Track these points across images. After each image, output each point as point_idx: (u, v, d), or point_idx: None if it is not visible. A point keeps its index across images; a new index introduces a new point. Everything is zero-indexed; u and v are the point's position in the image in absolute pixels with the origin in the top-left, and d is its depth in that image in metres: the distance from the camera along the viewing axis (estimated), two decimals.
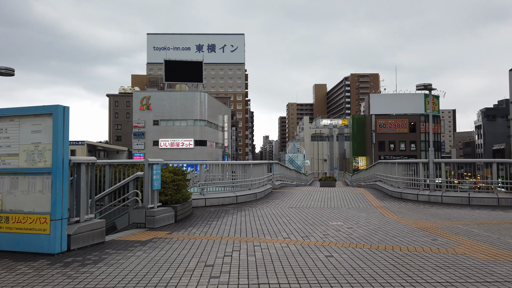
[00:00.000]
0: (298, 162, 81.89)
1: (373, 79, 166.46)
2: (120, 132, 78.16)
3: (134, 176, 7.49)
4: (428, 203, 11.51)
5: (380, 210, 10.11)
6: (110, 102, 79.57)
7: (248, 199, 12.31)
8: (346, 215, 9.10)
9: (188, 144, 58.86)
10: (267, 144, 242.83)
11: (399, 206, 10.88)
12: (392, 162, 14.76)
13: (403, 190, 12.93)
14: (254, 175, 13.67)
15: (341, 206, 10.95)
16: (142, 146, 58.63)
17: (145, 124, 58.64)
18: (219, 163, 12.76)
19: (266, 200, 12.67)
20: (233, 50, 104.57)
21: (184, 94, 59.97)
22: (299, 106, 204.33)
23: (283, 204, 11.45)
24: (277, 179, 19.49)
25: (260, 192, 13.27)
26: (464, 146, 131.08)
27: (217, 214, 9.42)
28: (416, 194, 12.26)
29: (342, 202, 11.98)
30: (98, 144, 63.26)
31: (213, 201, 11.18)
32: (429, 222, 7.96)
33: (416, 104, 66.06)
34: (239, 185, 12.67)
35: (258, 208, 10.59)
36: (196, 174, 11.74)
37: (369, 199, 12.74)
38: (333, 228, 7.29)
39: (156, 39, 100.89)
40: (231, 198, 11.66)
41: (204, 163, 11.41)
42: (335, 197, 13.66)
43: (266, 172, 15.77)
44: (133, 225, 7.34)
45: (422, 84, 11.81)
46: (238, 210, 10.05)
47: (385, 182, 16.38)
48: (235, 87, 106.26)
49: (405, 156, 61.55)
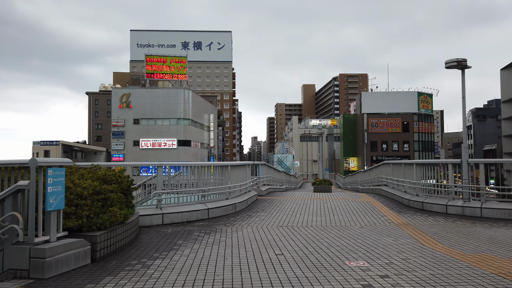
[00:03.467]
0: (287, 163, 79.03)
1: (362, 79, 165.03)
2: (101, 132, 74.24)
3: (13, 188, 4.37)
4: (464, 218, 8.62)
5: (408, 230, 7.16)
6: (89, 100, 75.61)
7: (224, 212, 9.26)
8: (364, 242, 6.11)
9: (171, 144, 55.51)
10: (255, 145, 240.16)
11: (429, 224, 7.96)
12: (407, 163, 11.88)
13: (425, 199, 10.03)
14: (234, 179, 10.64)
15: (350, 224, 7.98)
16: (121, 147, 55.07)
17: (124, 123, 55.11)
18: (186, 164, 9.67)
19: (249, 213, 9.64)
20: (220, 48, 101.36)
21: (166, 91, 56.60)
22: (287, 106, 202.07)
23: (270, 221, 8.42)
24: (264, 183, 16.49)
25: (241, 202, 10.23)
26: (454, 147, 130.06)
27: (173, 240, 6.36)
28: (444, 205, 9.37)
29: (349, 216, 9.01)
30: (75, 144, 59.50)
31: (175, 217, 8.11)
32: (504, 260, 5.03)
33: (409, 102, 63.83)
34: (213, 193, 9.62)
35: (235, 227, 7.56)
36: (152, 176, 8.68)
37: (382, 211, 9.80)
38: (357, 277, 4.28)
39: (140, 36, 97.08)
40: (201, 212, 8.60)
41: (163, 165, 8.33)
42: (337, 207, 10.70)
43: (250, 175, 12.75)
44: (9, 273, 4.23)
45: (454, 60, 8.93)
46: (206, 233, 7.00)
47: (394, 187, 13.50)
48: (222, 86, 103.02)
49: (398, 157, 59.14)
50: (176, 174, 10.58)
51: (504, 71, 68.78)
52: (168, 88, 57.96)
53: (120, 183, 6.08)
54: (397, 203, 11.63)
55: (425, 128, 65.21)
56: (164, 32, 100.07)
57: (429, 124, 65.82)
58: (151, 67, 56.19)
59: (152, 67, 56.18)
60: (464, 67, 9.11)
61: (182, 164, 9.65)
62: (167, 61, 57.01)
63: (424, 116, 66.24)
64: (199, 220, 8.44)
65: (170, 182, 9.02)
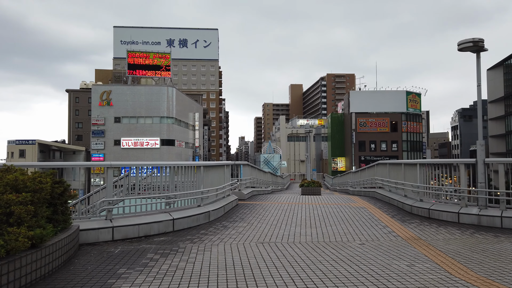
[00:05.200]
0: (274, 163, 77.58)
1: (349, 80, 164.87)
2: (81, 131, 71.66)
3: None
4: (481, 229, 7.18)
5: (421, 248, 5.66)
6: (70, 98, 72.93)
7: (194, 222, 7.65)
8: (370, 270, 4.57)
9: (154, 144, 53.53)
10: (243, 145, 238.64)
11: (444, 238, 6.48)
12: (408, 163, 10.44)
13: (432, 206, 8.58)
14: (209, 182, 9.03)
15: (348, 239, 6.45)
16: (101, 146, 52.87)
17: (105, 122, 52.90)
18: (143, 164, 7.98)
19: (225, 223, 8.04)
20: (206, 46, 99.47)
21: (149, 88, 54.57)
22: (275, 106, 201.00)
23: (250, 234, 6.85)
24: (247, 186, 14.90)
25: (216, 209, 8.62)
26: (440, 147, 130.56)
27: (114, 266, 4.73)
28: (456, 213, 7.93)
29: (344, 227, 7.50)
30: (53, 143, 56.96)
31: (129, 231, 6.47)
32: None
33: (397, 102, 63.02)
34: (182, 199, 8.01)
35: (204, 244, 5.95)
36: (118, 178, 7.03)
37: (382, 220, 8.32)
38: None
39: (124, 33, 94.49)
40: (163, 224, 6.97)
41: (114, 165, 6.67)
42: (328, 214, 9.18)
43: (229, 177, 11.14)
44: None
45: (469, 40, 7.49)
46: (164, 253, 5.38)
47: (392, 190, 12.06)
48: (208, 84, 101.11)
49: (386, 157, 58.22)
50: (147, 175, 8.98)
51: (490, 71, 68.70)
52: (151, 86, 55.95)
53: (38, 190, 4.42)
54: (397, 209, 10.18)
55: (413, 127, 64.52)
56: (149, 29, 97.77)
57: (418, 123, 65.17)
58: (133, 60, 54.06)
59: (134, 61, 54.05)
60: (480, 50, 7.68)
61: (137, 164, 7.99)
62: (150, 57, 54.97)
63: (412, 116, 65.56)
64: (161, 234, 6.81)
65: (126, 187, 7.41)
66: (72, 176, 17.67)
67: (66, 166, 7.65)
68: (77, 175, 48.98)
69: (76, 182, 26.46)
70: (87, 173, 49.44)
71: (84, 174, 52.49)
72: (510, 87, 65.23)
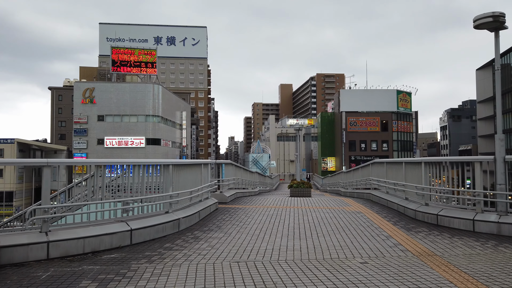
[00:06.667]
0: (263, 163, 76.29)
1: (338, 80, 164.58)
2: (64, 130, 69.43)
3: None
4: (504, 240, 5.98)
5: (441, 270, 4.42)
6: (52, 96, 70.64)
7: (159, 233, 6.31)
8: None
9: (139, 143, 51.80)
10: (232, 145, 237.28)
11: (465, 254, 5.25)
12: (410, 161, 9.23)
13: (440, 211, 7.38)
14: (182, 184, 7.69)
15: (346, 255, 5.18)
16: (84, 145, 50.96)
17: (88, 120, 51.01)
18: (94, 162, 6.57)
19: (197, 233, 6.71)
20: (195, 44, 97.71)
21: (134, 86, 52.81)
22: (264, 106, 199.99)
23: (225, 248, 5.53)
24: (230, 187, 13.57)
25: (188, 216, 7.29)
26: (429, 147, 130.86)
27: None
28: (470, 220, 6.73)
29: (340, 238, 6.23)
30: (33, 142, 54.79)
31: (71, 246, 5.12)
32: None
33: (388, 101, 62.27)
34: (145, 205, 6.67)
35: (163, 264, 4.62)
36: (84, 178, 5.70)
37: (384, 228, 7.08)
38: None
39: (110, 30, 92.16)
40: (118, 236, 5.62)
41: (52, 164, 5.29)
42: (321, 221, 7.92)
43: (208, 178, 9.79)
44: None
45: (488, 14, 6.29)
46: (103, 283, 4.03)
47: (390, 192, 10.87)
48: (196, 83, 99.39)
49: (377, 156, 57.37)
50: (117, 177, 7.69)
51: (479, 71, 68.46)
52: (136, 83, 54.21)
53: None
54: (397, 214, 8.96)
55: (404, 127, 63.83)
56: (136, 26, 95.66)
57: (408, 123, 64.52)
58: (117, 57, 52.26)
59: (118, 58, 52.25)
60: (499, 27, 6.47)
61: (83, 162, 6.61)
62: (135, 53, 53.23)
63: (403, 115, 64.89)
64: (113, 250, 5.46)
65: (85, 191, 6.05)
66: (53, 176, 16.20)
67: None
68: (58, 176, 46.72)
69: (55, 182, 24.90)
70: (67, 173, 47.29)
71: (65, 175, 50.67)
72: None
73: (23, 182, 47.16)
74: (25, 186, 46.84)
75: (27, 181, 46.56)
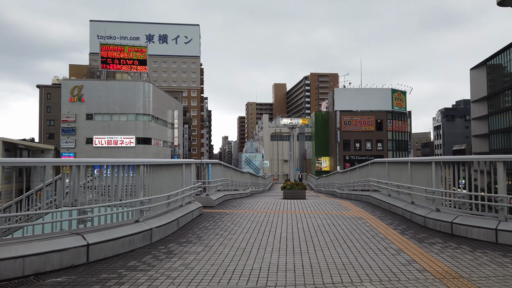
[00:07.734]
0: (256, 163, 75.25)
1: (332, 79, 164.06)
2: (53, 128, 67.80)
3: None
4: None
5: None
6: (41, 94, 68.99)
7: (125, 247, 5.26)
8: None
9: (129, 142, 50.49)
10: (226, 144, 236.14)
11: (497, 275, 4.27)
12: (417, 161, 8.26)
13: (455, 219, 6.40)
14: (157, 188, 6.64)
15: (350, 277, 4.17)
16: (72, 145, 49.57)
17: (76, 118, 49.60)
18: (50, 162, 5.47)
19: (172, 246, 5.67)
20: (187, 42, 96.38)
21: (124, 83, 51.47)
22: (258, 105, 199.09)
23: (200, 270, 4.49)
24: (218, 189, 12.53)
25: (162, 226, 6.24)
26: (422, 147, 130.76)
27: None
28: (493, 230, 5.76)
29: (342, 253, 5.23)
30: (20, 142, 53.22)
31: (6, 267, 4.05)
32: None
33: (382, 100, 61.53)
34: (109, 213, 5.61)
35: None
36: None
37: (392, 240, 6.09)
38: None
39: (101, 27, 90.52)
40: (70, 253, 4.56)
41: None
42: (317, 229, 6.92)
43: (190, 179, 8.74)
44: None
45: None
46: None
47: (392, 195, 9.90)
48: (189, 81, 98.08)
49: (371, 156, 56.67)
50: (91, 179, 6.59)
51: (473, 71, 68.08)
52: (126, 80, 52.89)
53: None
54: (403, 220, 7.98)
55: (399, 126, 63.15)
56: (127, 24, 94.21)
57: (403, 122, 63.88)
58: (106, 54, 50.89)
59: (107, 55, 50.88)
60: None
61: (34, 162, 5.53)
62: (125, 50, 51.90)
63: (398, 114, 64.23)
64: (63, 270, 4.40)
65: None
66: (40, 176, 15.07)
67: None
68: (45, 176, 46.04)
69: (41, 183, 22.05)
70: (54, 173, 46.56)
71: (53, 175, 49.30)
72: (493, 87, 64.59)
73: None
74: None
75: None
